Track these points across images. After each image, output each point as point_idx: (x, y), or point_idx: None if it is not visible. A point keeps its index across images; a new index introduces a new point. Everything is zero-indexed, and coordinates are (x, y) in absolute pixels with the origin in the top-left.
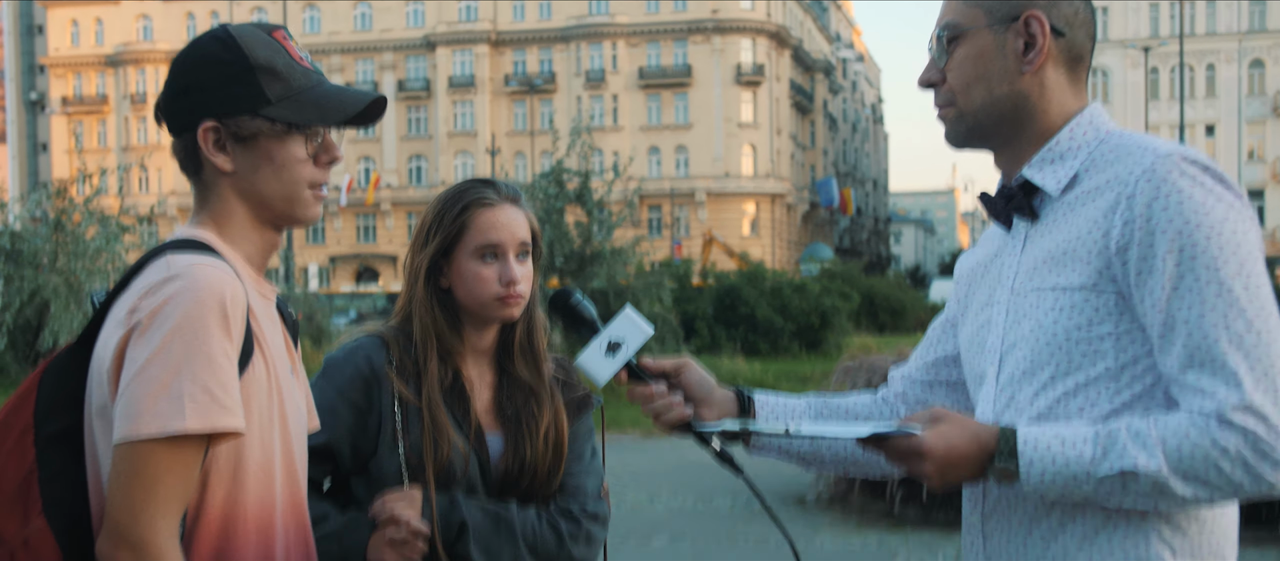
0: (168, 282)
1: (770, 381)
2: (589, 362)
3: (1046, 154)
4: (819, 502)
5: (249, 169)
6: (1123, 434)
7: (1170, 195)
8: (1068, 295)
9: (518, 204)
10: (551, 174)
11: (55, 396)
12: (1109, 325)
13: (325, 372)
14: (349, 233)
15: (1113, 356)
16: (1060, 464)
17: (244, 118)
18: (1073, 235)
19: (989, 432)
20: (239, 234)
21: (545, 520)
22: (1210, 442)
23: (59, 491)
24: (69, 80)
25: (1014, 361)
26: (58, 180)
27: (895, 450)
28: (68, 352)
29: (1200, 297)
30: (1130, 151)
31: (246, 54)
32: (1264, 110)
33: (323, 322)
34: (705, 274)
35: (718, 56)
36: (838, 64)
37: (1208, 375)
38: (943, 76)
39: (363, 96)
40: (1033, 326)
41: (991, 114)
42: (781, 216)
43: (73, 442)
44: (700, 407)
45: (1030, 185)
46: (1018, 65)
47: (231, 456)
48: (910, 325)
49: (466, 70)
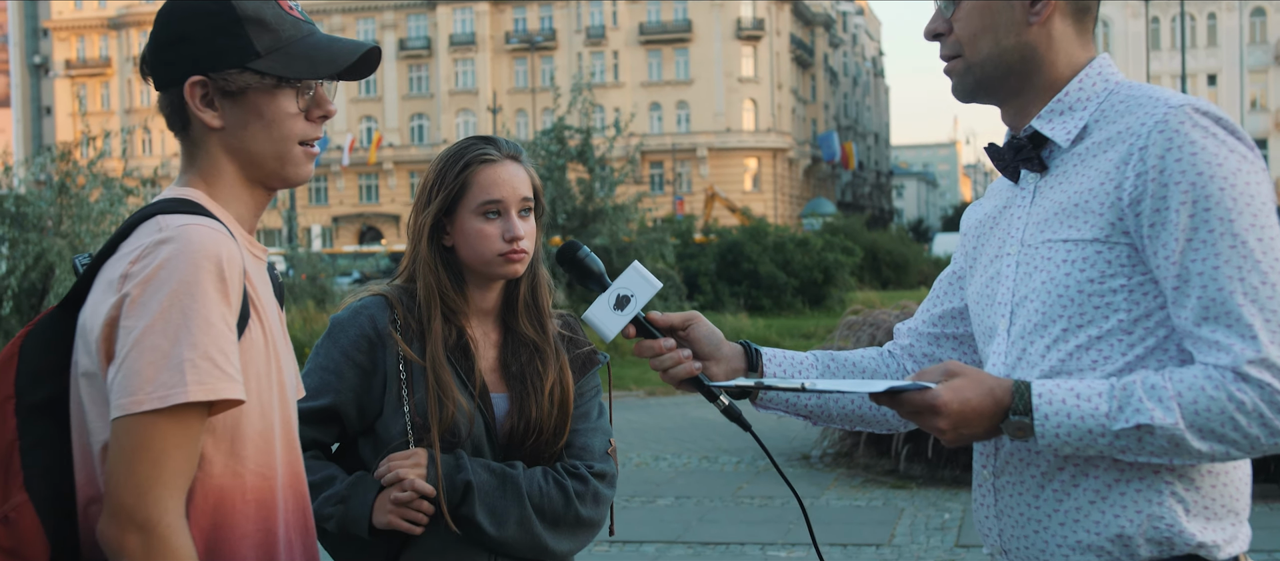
0: (160, 246)
1: (774, 338)
2: (597, 317)
3: (1056, 106)
4: (824, 460)
5: (238, 125)
6: (1138, 388)
7: (1183, 147)
8: (1079, 248)
9: (519, 161)
10: (553, 131)
11: (38, 364)
12: (1121, 278)
13: (330, 333)
14: (351, 193)
15: (1125, 310)
16: (1075, 418)
17: (232, 71)
18: (1084, 187)
19: (1003, 387)
20: (229, 193)
21: (552, 479)
22: (1227, 397)
23: (42, 464)
24: (72, 43)
25: (1025, 315)
26: (62, 143)
27: (909, 405)
28: (50, 318)
29: (1214, 250)
30: (1142, 103)
31: (233, 4)
32: (1266, 59)
33: (326, 283)
34: (707, 230)
35: (718, 11)
36: (838, 17)
37: (1223, 329)
38: (949, 27)
39: (356, 47)
40: (1044, 279)
41: (999, 65)
42: (783, 171)
43: (56, 412)
44: (708, 363)
45: (1039, 137)
46: (1025, 16)
47: (229, 425)
48: (913, 280)
49: (467, 28)
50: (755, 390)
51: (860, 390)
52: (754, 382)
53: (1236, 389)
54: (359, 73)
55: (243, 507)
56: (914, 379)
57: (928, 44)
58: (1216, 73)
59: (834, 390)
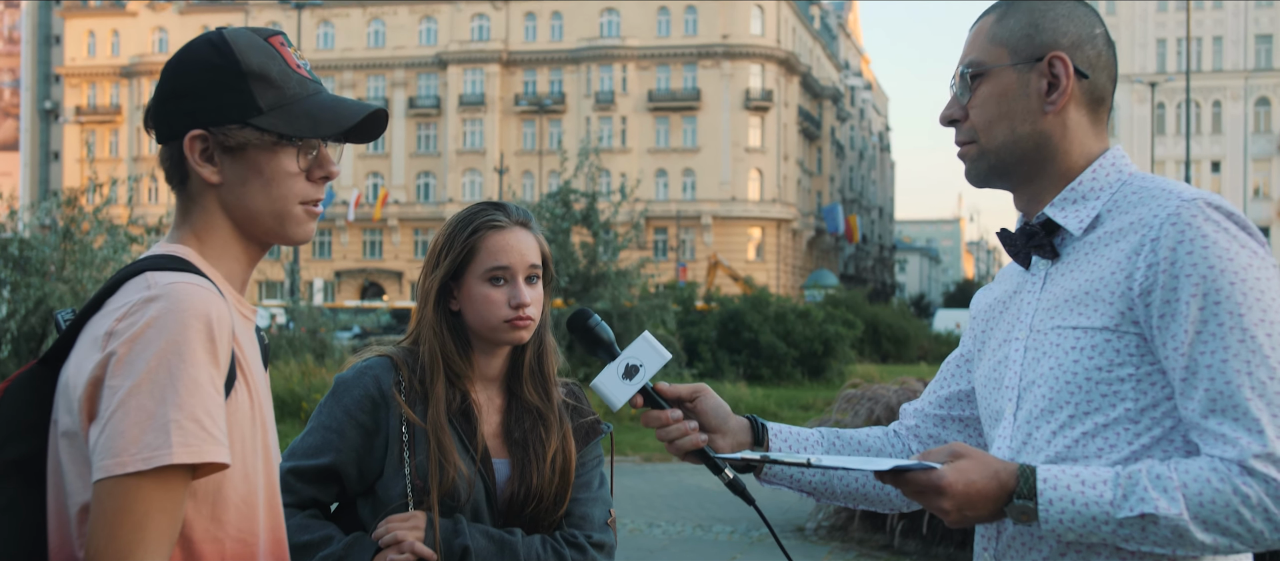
0: (149, 303)
1: (772, 408)
2: (605, 385)
3: (1069, 194)
4: (819, 533)
5: (237, 182)
6: (1144, 477)
7: (1195, 240)
8: (1089, 335)
9: (528, 227)
10: (559, 194)
11: (15, 422)
12: (1130, 367)
13: (334, 393)
14: (355, 247)
15: (1133, 399)
16: (1080, 505)
17: (232, 127)
18: (1095, 276)
19: (1008, 471)
20: (221, 250)
21: (550, 547)
22: (1232, 490)
23: (15, 526)
24: (83, 90)
25: (1032, 400)
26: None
27: (914, 485)
28: (30, 374)
29: (1223, 344)
30: (1155, 195)
31: (239, 59)
32: (1270, 148)
33: (326, 337)
34: (709, 297)
35: (727, 81)
36: (846, 91)
37: (1230, 422)
38: (965, 113)
39: (359, 108)
40: (1052, 365)
41: (1013, 152)
42: (787, 242)
43: (32, 471)
44: (714, 435)
45: (1052, 224)
46: (1041, 105)
47: (211, 489)
48: (913, 355)
49: (477, 89)
50: (760, 464)
51: (866, 468)
52: (760, 456)
53: (1242, 482)
54: (364, 135)
55: None
56: (919, 459)
57: (934, 120)
58: (1220, 160)
59: (839, 467)
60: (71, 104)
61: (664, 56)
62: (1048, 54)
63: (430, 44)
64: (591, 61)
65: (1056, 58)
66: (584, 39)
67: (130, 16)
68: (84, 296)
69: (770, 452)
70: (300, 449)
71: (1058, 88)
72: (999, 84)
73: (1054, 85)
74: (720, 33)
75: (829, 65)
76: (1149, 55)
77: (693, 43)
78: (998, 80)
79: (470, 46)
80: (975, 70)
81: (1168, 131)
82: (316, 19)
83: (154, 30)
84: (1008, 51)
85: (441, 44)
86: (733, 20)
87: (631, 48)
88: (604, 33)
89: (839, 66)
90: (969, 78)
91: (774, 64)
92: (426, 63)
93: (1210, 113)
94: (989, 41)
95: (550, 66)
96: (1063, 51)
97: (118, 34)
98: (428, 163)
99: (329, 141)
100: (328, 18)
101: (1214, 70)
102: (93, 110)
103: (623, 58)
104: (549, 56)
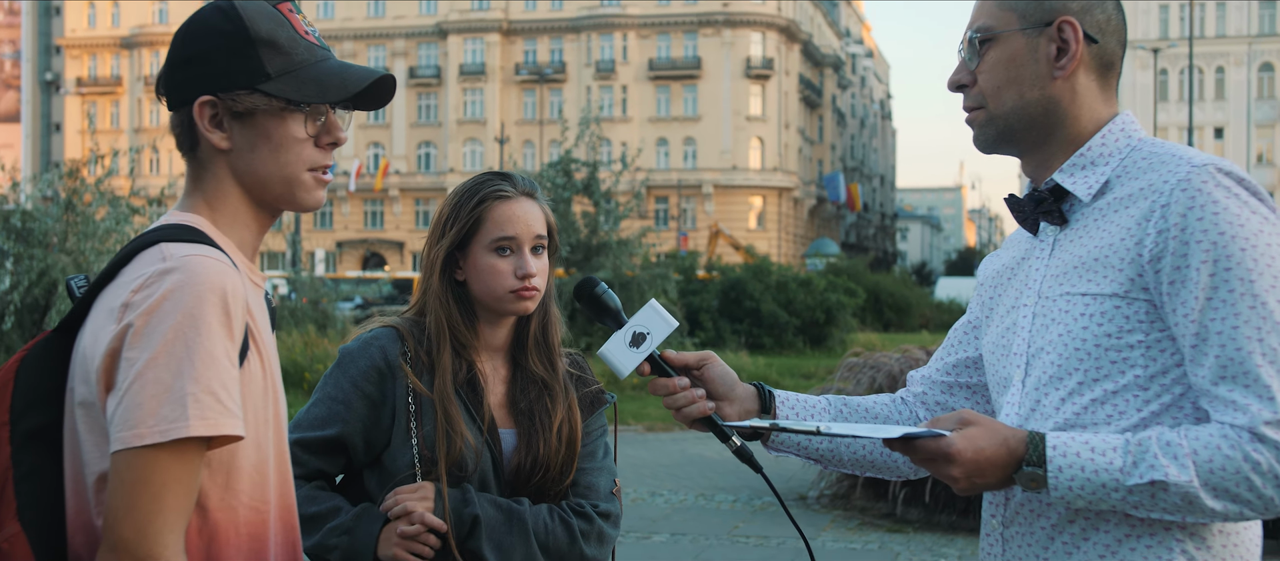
0: (164, 275)
1: (774, 376)
2: (612, 354)
3: (1078, 160)
4: (820, 501)
5: (246, 147)
6: (1153, 444)
7: (1206, 206)
8: (1098, 302)
9: (534, 198)
10: (560, 164)
11: (34, 391)
12: (1139, 334)
13: (340, 364)
14: (356, 218)
15: (1142, 365)
16: (1089, 472)
17: (241, 92)
18: (1104, 242)
19: (1017, 438)
20: (233, 217)
21: (557, 517)
22: (1242, 457)
23: (35, 493)
24: (84, 61)
25: (1041, 367)
26: (70, 160)
27: (924, 452)
28: (46, 343)
29: (1234, 310)
30: (1165, 161)
31: (247, 26)
32: (1273, 113)
33: (328, 308)
34: (711, 267)
35: (727, 49)
36: (847, 59)
37: (1241, 389)
38: (973, 79)
39: (368, 74)
40: (1061, 332)
41: (1022, 118)
42: (788, 210)
43: (50, 439)
44: (722, 403)
45: (1061, 190)
46: (1050, 70)
47: (225, 459)
48: (915, 323)
49: (478, 58)
50: (769, 431)
51: (875, 436)
52: (769, 424)
53: (1252, 449)
54: (372, 101)
55: (236, 541)
56: (928, 426)
57: (935, 88)
58: (1223, 126)
59: (849, 435)
60: (72, 75)
61: (664, 25)
62: (1057, 18)
63: (430, 13)
64: (592, 30)
65: (1066, 22)
66: (584, 8)
67: None
68: (87, 268)
69: (778, 420)
70: (306, 420)
71: (1067, 53)
72: (1008, 49)
73: (1063, 50)
74: (721, 1)
75: (830, 33)
76: (1152, 21)
77: (693, 11)
78: (1006, 45)
79: (470, 15)
80: (984, 35)
81: (1171, 98)
82: None
83: (154, 1)
84: (1017, 16)
85: (441, 14)
86: None
87: (632, 16)
88: (604, 1)
89: (840, 34)
90: (977, 43)
91: (775, 32)
92: (427, 32)
93: (1213, 79)
94: (998, 6)
95: (551, 35)
96: (1072, 16)
97: (118, 5)
98: (428, 133)
99: (337, 108)
100: None
101: (1217, 36)
102: (94, 81)
103: (623, 26)
104: (549, 25)
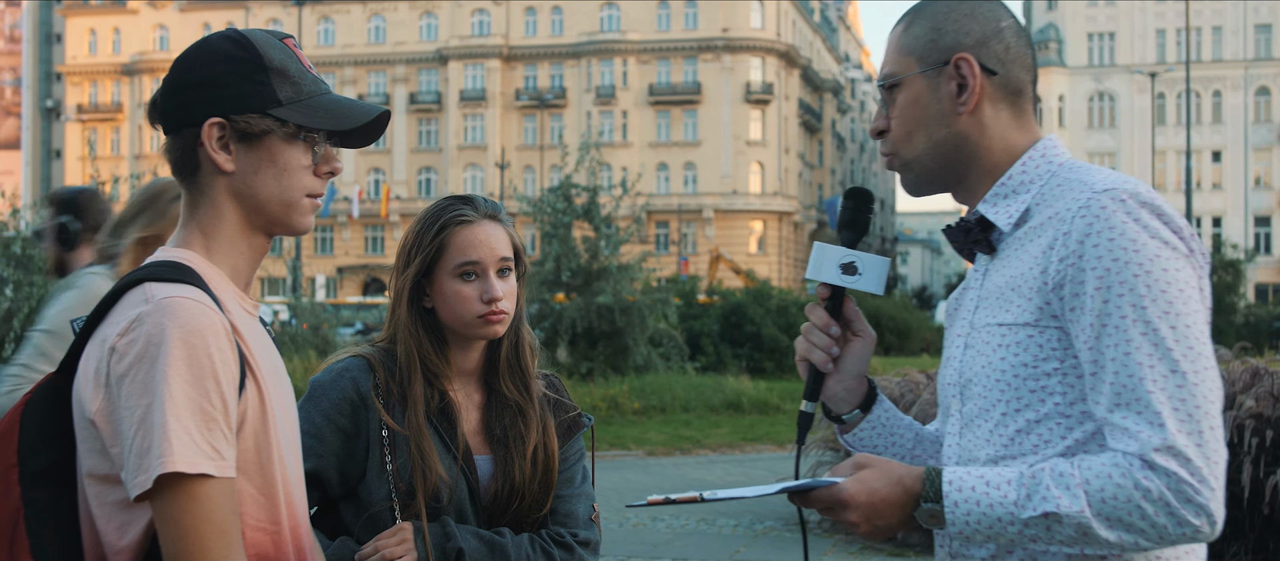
0: (145, 318)
1: (775, 401)
2: (823, 255)
3: (999, 189)
4: (822, 526)
5: (249, 170)
6: (1046, 475)
7: (1102, 232)
8: (1013, 332)
9: (497, 220)
10: (560, 189)
11: (39, 432)
12: (1054, 362)
13: (311, 396)
14: (356, 244)
15: (1061, 393)
16: (985, 506)
17: (253, 115)
18: (1018, 271)
19: (913, 476)
20: (227, 242)
21: (539, 547)
22: (1133, 485)
23: (48, 531)
24: (85, 88)
25: (971, 398)
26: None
27: (820, 501)
28: (49, 385)
29: (1126, 337)
30: (1073, 186)
31: (261, 53)
32: (1270, 137)
33: (329, 333)
34: (711, 291)
35: (727, 74)
36: (846, 84)
37: (1134, 415)
38: (888, 125)
39: (369, 108)
40: (984, 363)
41: (935, 158)
42: (788, 235)
43: (61, 477)
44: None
45: (986, 221)
46: (953, 107)
47: None
48: (916, 346)
49: (478, 84)
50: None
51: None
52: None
53: (1142, 476)
54: (368, 136)
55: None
56: (831, 473)
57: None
58: (1221, 150)
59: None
60: (73, 102)
61: (664, 50)
62: (952, 56)
63: (431, 39)
64: (592, 56)
65: (961, 59)
66: (584, 33)
67: (131, 14)
68: None
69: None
70: None
71: (966, 88)
72: (911, 92)
73: (963, 86)
74: (720, 26)
75: (829, 58)
76: (1149, 46)
77: (693, 36)
78: (910, 89)
79: (471, 41)
80: (889, 81)
81: (1168, 122)
82: (317, 15)
83: (155, 28)
84: (916, 59)
85: (442, 39)
86: (733, 13)
87: (632, 42)
88: (604, 27)
89: (839, 59)
90: (886, 89)
91: (774, 57)
92: (427, 58)
93: (1210, 103)
94: (898, 52)
95: (551, 61)
96: (967, 52)
97: (119, 32)
98: (429, 158)
99: (333, 141)
100: (328, 14)
101: (1214, 60)
102: (94, 108)
103: (623, 52)
104: (549, 51)
